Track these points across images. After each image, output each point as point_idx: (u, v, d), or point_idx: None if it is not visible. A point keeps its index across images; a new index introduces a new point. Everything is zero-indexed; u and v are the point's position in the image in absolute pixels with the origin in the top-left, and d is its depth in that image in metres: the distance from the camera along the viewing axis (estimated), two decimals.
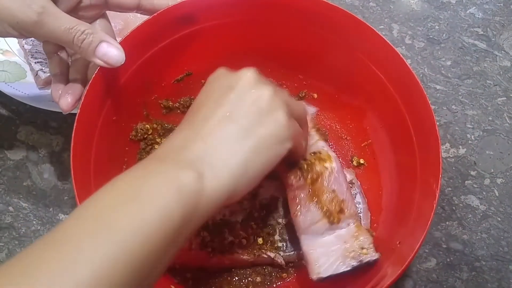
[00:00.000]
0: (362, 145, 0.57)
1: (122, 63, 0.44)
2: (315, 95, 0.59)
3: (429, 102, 0.46)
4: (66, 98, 0.46)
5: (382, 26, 0.70)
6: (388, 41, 0.49)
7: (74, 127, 0.44)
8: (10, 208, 0.57)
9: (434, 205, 0.42)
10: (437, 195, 0.42)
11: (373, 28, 0.49)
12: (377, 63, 0.51)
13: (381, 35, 0.49)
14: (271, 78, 0.56)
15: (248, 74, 0.39)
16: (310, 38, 0.53)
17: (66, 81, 0.48)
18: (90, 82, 0.45)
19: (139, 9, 0.49)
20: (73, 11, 0.45)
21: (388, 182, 0.53)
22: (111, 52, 0.43)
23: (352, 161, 0.57)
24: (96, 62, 0.44)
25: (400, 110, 0.50)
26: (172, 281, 0.49)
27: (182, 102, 0.57)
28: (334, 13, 0.50)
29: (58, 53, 0.49)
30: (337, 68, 0.55)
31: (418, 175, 0.47)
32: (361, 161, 0.57)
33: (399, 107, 0.50)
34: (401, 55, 0.48)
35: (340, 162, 0.57)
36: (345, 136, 0.59)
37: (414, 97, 0.47)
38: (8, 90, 0.59)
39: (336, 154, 0.58)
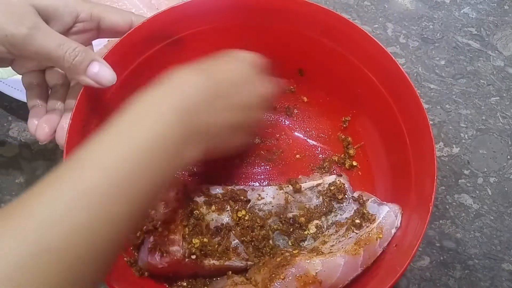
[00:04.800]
0: (355, 147, 0.57)
1: (113, 83, 0.43)
2: (305, 99, 0.59)
3: (423, 101, 0.46)
4: (44, 128, 0.45)
5: (376, 25, 0.70)
6: (378, 42, 0.48)
7: (68, 129, 0.43)
8: (3, 206, 0.57)
9: (430, 208, 0.41)
10: (432, 198, 0.42)
11: (364, 29, 0.49)
12: (368, 64, 0.51)
13: (372, 36, 0.48)
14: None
15: (244, 65, 0.46)
16: (301, 41, 0.53)
17: (45, 113, 0.47)
18: (81, 92, 0.44)
19: None
20: (65, 35, 0.44)
21: (381, 184, 0.53)
22: (103, 72, 0.43)
23: (345, 164, 0.57)
24: (86, 81, 0.43)
25: (392, 111, 0.49)
26: None
27: None
28: (325, 16, 0.50)
29: (39, 85, 0.47)
30: (327, 70, 0.55)
31: (412, 178, 0.46)
32: (354, 163, 0.57)
33: (392, 109, 0.49)
34: (392, 56, 0.48)
35: (333, 165, 0.57)
36: (337, 139, 0.59)
37: (407, 99, 0.47)
38: (0, 86, 0.59)
39: (329, 156, 0.58)
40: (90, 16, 0.45)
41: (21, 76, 0.50)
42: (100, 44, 0.60)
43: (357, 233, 0.47)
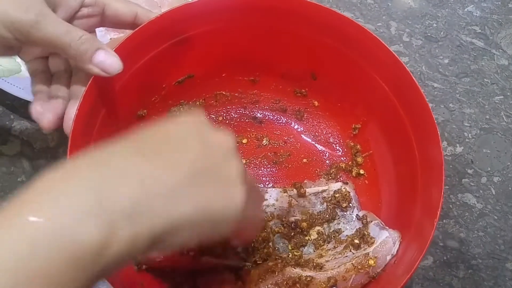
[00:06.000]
0: (363, 155, 0.56)
1: (119, 71, 0.43)
2: (316, 103, 0.59)
3: (426, 100, 0.46)
4: (47, 116, 0.45)
5: (380, 24, 0.70)
6: (392, 51, 0.48)
7: (72, 127, 0.43)
8: (5, 204, 0.56)
9: (435, 224, 0.41)
10: (438, 214, 0.41)
11: (377, 36, 0.48)
12: (382, 73, 0.50)
13: (386, 45, 0.48)
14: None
15: (229, 140, 0.33)
16: (313, 45, 0.53)
17: (48, 99, 0.47)
18: (89, 82, 0.44)
19: (135, 24, 0.48)
20: (71, 20, 0.45)
21: (388, 194, 0.53)
22: (109, 60, 0.42)
23: (351, 172, 0.56)
24: (92, 70, 0.43)
25: (403, 123, 0.49)
26: (164, 286, 0.48)
27: (182, 105, 0.57)
28: (338, 21, 0.50)
29: (43, 71, 0.47)
30: (340, 76, 0.54)
31: (419, 190, 0.46)
32: (361, 171, 0.56)
33: (403, 120, 0.49)
34: (406, 67, 0.47)
35: (340, 172, 0.57)
36: (346, 146, 0.58)
37: (418, 112, 0.46)
38: (2, 84, 0.58)
39: (336, 163, 0.58)
40: (95, 1, 0.46)
41: (22, 75, 0.50)
42: (104, 42, 0.60)
43: (353, 253, 0.47)
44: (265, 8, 0.50)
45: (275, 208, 0.52)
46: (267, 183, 0.57)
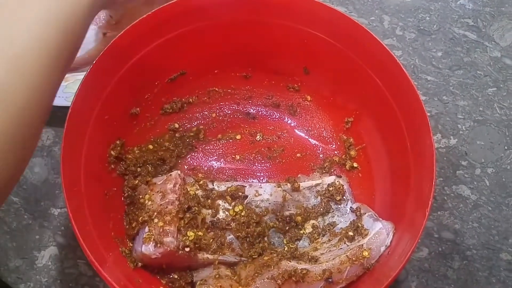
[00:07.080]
0: (357, 148, 0.57)
1: None
2: (309, 98, 0.59)
3: (420, 93, 0.46)
4: None
5: (373, 18, 0.70)
6: (383, 44, 0.48)
7: (66, 125, 0.43)
8: None
9: (426, 215, 0.41)
10: (429, 204, 0.42)
11: (369, 31, 0.48)
12: (373, 66, 0.51)
13: (379, 39, 0.48)
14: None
15: None
16: (306, 40, 0.53)
17: None
18: (82, 80, 0.44)
19: None
20: None
21: (381, 187, 0.53)
22: None
23: (345, 165, 0.57)
24: None
25: (396, 116, 0.49)
26: (161, 283, 0.49)
27: (175, 102, 0.57)
28: (329, 15, 0.50)
29: None
30: (332, 70, 0.54)
31: (411, 182, 0.46)
32: (355, 164, 0.56)
33: (395, 113, 0.49)
34: (399, 61, 0.47)
35: (334, 166, 0.57)
36: (339, 139, 0.59)
37: (410, 105, 0.47)
38: None
39: (330, 157, 0.58)
40: None
41: None
42: (97, 41, 0.60)
43: (348, 245, 0.48)
44: (256, 2, 0.51)
45: (269, 203, 0.52)
46: (261, 178, 0.57)
